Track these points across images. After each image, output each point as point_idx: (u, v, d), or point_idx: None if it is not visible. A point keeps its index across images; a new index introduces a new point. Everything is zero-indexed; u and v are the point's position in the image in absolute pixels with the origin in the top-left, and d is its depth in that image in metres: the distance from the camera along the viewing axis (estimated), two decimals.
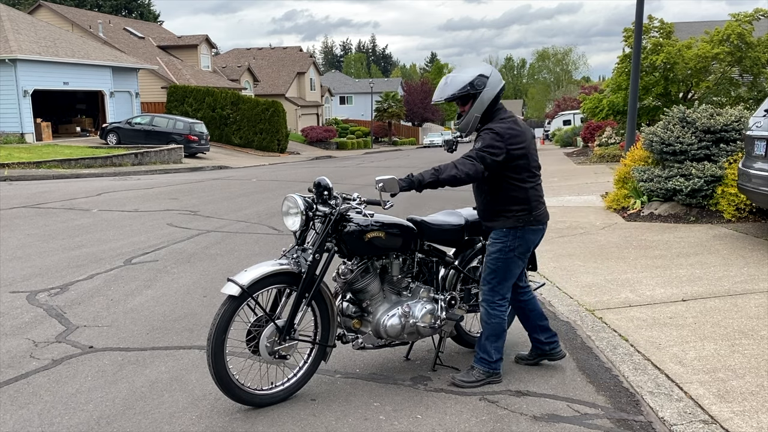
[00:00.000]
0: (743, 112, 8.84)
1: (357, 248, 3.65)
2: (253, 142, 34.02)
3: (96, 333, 4.73)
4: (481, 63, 3.81)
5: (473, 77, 3.59)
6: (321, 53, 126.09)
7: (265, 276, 3.43)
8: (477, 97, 3.60)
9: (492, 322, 3.75)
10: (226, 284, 3.38)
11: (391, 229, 3.72)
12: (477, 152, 3.53)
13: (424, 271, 4.03)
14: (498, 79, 3.64)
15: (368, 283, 3.74)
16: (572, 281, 5.86)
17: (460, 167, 3.49)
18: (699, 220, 8.32)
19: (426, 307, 3.89)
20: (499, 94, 3.65)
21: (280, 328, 3.48)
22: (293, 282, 3.53)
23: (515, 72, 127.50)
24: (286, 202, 3.59)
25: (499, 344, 3.78)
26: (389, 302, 3.82)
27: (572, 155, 26.26)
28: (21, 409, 3.51)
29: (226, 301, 3.37)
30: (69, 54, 28.05)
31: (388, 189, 3.41)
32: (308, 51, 72.08)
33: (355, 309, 3.79)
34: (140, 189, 14.59)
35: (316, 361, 3.70)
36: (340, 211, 3.56)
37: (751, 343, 4.15)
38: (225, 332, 3.34)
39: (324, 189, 3.58)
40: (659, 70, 19.90)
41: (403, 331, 3.78)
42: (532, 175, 3.69)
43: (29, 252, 7.50)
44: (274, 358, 3.51)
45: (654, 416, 3.30)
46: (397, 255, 3.85)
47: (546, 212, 3.81)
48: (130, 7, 56.73)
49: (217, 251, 7.53)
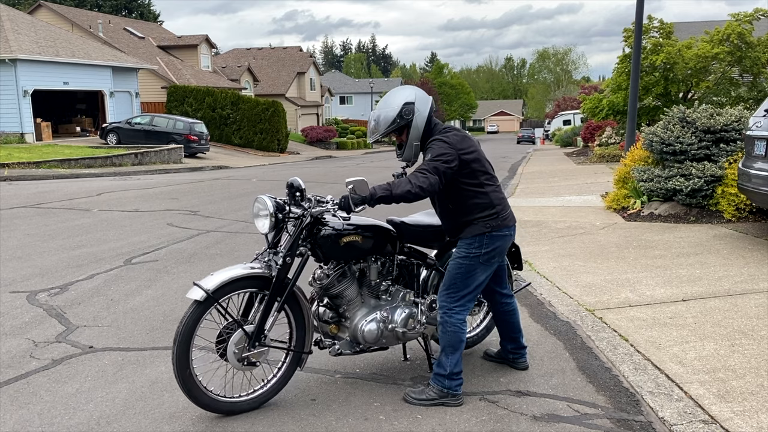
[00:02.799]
0: (743, 112, 8.83)
1: (333, 253, 3.54)
2: (253, 142, 34.00)
3: (96, 333, 4.73)
4: (403, 89, 3.60)
5: (399, 108, 3.47)
6: (321, 53, 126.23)
7: (233, 280, 3.31)
8: (410, 125, 3.49)
9: (448, 330, 3.53)
10: (192, 288, 3.27)
11: (368, 232, 3.61)
12: (429, 163, 3.39)
13: (404, 273, 3.89)
14: (424, 100, 3.53)
15: (345, 287, 3.61)
16: (572, 281, 5.86)
17: (413, 181, 3.34)
18: (699, 220, 8.32)
19: (405, 311, 3.77)
20: (431, 113, 3.54)
21: (249, 334, 3.36)
22: (264, 286, 3.41)
23: (515, 72, 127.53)
24: (256, 203, 3.47)
25: (455, 357, 3.54)
26: (367, 307, 3.70)
27: (572, 155, 26.27)
28: (21, 409, 3.52)
29: (191, 306, 3.25)
30: (69, 54, 28.05)
31: (359, 191, 3.28)
32: (308, 51, 72.05)
33: (332, 314, 3.67)
34: (140, 189, 14.59)
35: (291, 368, 3.58)
36: (314, 214, 3.42)
37: (751, 343, 4.15)
38: (190, 338, 3.23)
39: (296, 190, 3.46)
40: (659, 70, 19.89)
41: (381, 336, 3.67)
42: (489, 178, 3.57)
43: (29, 252, 7.50)
44: (242, 365, 3.39)
45: (654, 416, 3.30)
46: (375, 258, 3.73)
47: (512, 215, 3.68)
48: (130, 7, 56.74)
49: (217, 251, 7.54)
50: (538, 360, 4.13)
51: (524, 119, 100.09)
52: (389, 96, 3.59)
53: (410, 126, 3.50)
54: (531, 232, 8.40)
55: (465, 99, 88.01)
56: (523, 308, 5.24)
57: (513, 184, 15.10)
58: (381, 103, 3.61)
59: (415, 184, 3.33)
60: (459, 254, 3.59)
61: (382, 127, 3.52)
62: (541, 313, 5.08)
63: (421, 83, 70.53)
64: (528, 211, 10.29)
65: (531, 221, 9.24)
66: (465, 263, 3.55)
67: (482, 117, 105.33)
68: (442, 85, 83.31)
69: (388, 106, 3.52)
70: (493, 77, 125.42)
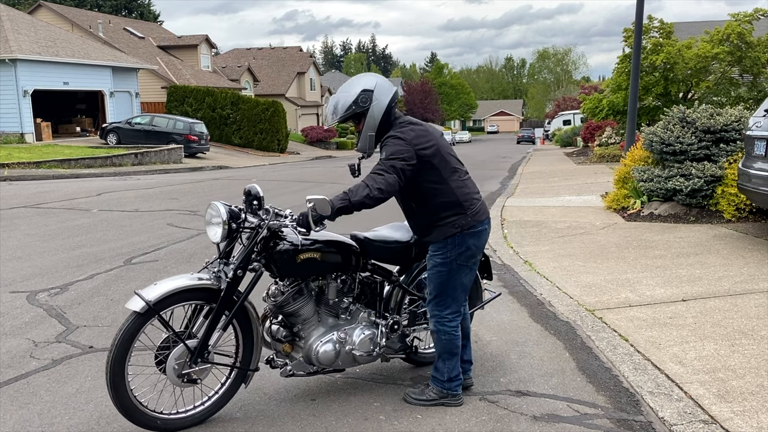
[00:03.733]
0: (743, 112, 8.83)
1: (289, 270, 3.33)
2: (253, 142, 34.01)
3: (96, 333, 4.73)
4: (365, 76, 3.42)
5: (356, 95, 3.29)
6: (321, 53, 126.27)
7: (177, 291, 3.12)
8: (366, 114, 3.31)
9: (442, 339, 3.46)
10: (132, 298, 3.08)
11: (329, 248, 3.39)
12: (384, 162, 3.23)
13: (366, 291, 3.68)
14: (385, 90, 3.33)
15: (301, 306, 3.41)
16: (572, 281, 5.86)
17: (371, 184, 3.15)
18: (699, 220, 8.32)
19: (365, 332, 3.56)
20: (392, 104, 3.35)
21: (191, 350, 3.16)
22: (212, 299, 3.21)
23: (515, 72, 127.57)
24: (208, 210, 3.24)
25: (452, 362, 3.48)
26: (324, 326, 3.50)
27: (572, 155, 26.28)
28: (21, 409, 3.51)
29: (130, 318, 3.06)
30: (69, 54, 28.06)
31: (319, 210, 3.07)
32: (308, 51, 72.07)
33: (285, 332, 3.44)
34: (140, 189, 14.59)
35: (234, 386, 3.40)
36: (271, 228, 3.21)
37: (751, 343, 4.15)
38: (126, 352, 3.04)
39: (254, 198, 3.27)
40: (659, 70, 19.90)
41: (337, 358, 3.48)
42: (454, 171, 3.38)
43: (29, 252, 7.50)
44: (182, 381, 3.19)
45: (654, 416, 3.30)
46: (335, 276, 3.52)
47: (484, 209, 3.48)
48: (130, 7, 56.74)
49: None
50: (538, 360, 4.13)
51: (524, 119, 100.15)
52: (350, 81, 3.43)
53: (366, 115, 3.32)
54: (531, 232, 8.40)
55: (465, 99, 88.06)
56: (523, 308, 5.24)
57: (513, 184, 15.11)
58: (341, 88, 3.43)
59: (373, 187, 3.15)
60: (435, 261, 3.44)
61: (339, 111, 3.32)
62: (541, 313, 5.08)
63: (421, 83, 70.59)
64: (528, 211, 10.29)
65: (531, 221, 9.25)
66: (444, 270, 3.41)
67: (482, 117, 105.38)
68: (442, 85, 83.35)
69: (346, 91, 3.35)
70: (493, 77, 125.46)
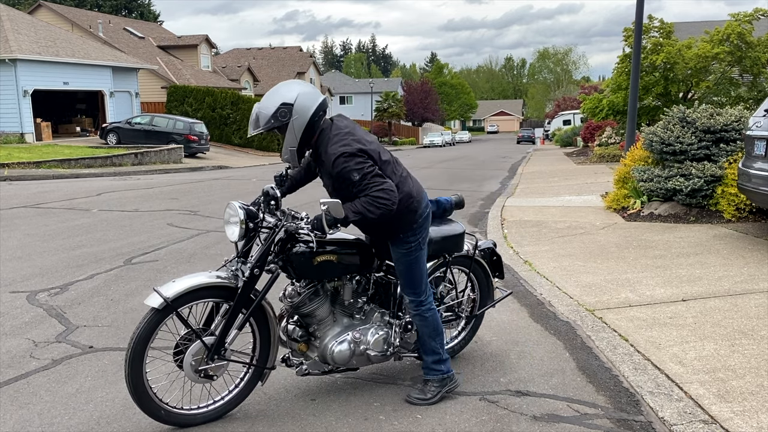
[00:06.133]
0: (743, 112, 8.83)
1: (306, 272, 3.35)
2: (253, 141, 33.97)
3: (96, 333, 4.73)
4: (288, 85, 3.29)
5: (275, 108, 3.16)
6: (321, 53, 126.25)
7: (195, 288, 3.15)
8: (286, 128, 3.19)
9: (427, 319, 3.54)
10: (150, 295, 3.12)
11: (346, 250, 3.43)
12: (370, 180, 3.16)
13: (380, 291, 3.71)
14: (307, 103, 3.18)
15: (317, 307, 3.43)
16: (572, 281, 5.86)
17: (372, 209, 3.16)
18: (699, 220, 8.32)
19: (379, 332, 3.61)
20: (314, 118, 3.21)
21: (208, 346, 3.21)
22: (229, 297, 3.24)
23: (515, 72, 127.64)
24: (227, 209, 3.29)
25: (441, 338, 3.59)
26: (339, 326, 3.54)
27: (572, 155, 26.28)
28: (21, 409, 3.51)
29: (149, 314, 3.10)
30: (69, 54, 28.06)
31: (333, 213, 3.10)
32: (308, 51, 72.11)
33: (301, 332, 3.48)
34: (140, 189, 14.59)
35: (251, 383, 3.45)
36: (288, 230, 3.23)
37: (751, 343, 4.15)
38: (145, 347, 3.08)
39: (271, 199, 3.32)
40: (659, 70, 19.90)
41: (351, 357, 3.51)
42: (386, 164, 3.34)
43: (29, 252, 7.50)
44: (199, 377, 3.23)
45: (654, 416, 3.30)
46: (351, 276, 3.55)
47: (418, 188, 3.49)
48: (130, 7, 56.77)
49: (217, 251, 7.53)
50: (538, 360, 4.13)
51: (524, 119, 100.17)
52: (272, 91, 3.29)
53: (285, 129, 3.21)
54: (531, 232, 8.40)
55: (465, 99, 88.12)
56: (523, 308, 5.24)
57: (513, 184, 15.10)
58: (265, 96, 3.29)
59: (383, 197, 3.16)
60: (400, 252, 3.47)
61: (260, 124, 3.21)
62: (541, 313, 5.08)
63: (421, 83, 70.58)
64: (528, 211, 10.29)
65: (531, 221, 9.25)
66: (411, 258, 3.47)
67: (482, 117, 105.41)
68: (442, 85, 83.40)
69: (266, 103, 3.22)
70: (493, 77, 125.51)
